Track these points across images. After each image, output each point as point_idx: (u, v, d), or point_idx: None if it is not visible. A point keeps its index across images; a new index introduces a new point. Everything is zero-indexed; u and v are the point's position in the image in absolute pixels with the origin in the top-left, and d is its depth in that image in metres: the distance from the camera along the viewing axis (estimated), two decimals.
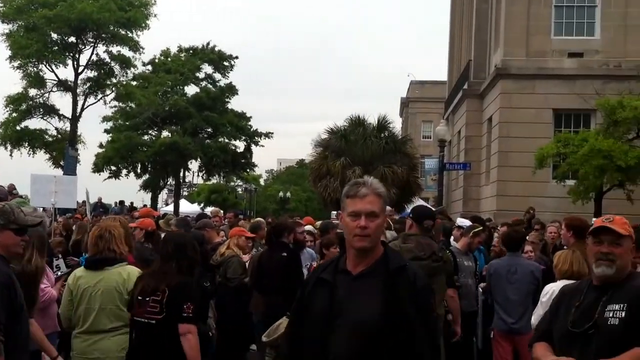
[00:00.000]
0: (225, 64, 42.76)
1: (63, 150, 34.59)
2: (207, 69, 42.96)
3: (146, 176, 42.10)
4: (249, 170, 45.68)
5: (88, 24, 38.54)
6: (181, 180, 44.27)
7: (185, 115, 39.93)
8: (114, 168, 40.60)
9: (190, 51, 42.92)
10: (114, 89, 41.17)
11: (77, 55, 40.62)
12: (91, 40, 40.61)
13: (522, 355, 6.88)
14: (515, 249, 7.39)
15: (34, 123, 40.22)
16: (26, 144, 39.73)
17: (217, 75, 42.93)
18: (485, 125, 24.87)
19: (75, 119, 40.40)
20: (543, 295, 5.57)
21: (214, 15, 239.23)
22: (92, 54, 40.89)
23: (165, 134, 41.13)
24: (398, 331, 2.75)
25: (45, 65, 39.85)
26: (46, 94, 40.24)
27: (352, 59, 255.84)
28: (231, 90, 42.83)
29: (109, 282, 4.86)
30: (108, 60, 41.15)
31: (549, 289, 5.51)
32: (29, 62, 39.00)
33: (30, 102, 39.76)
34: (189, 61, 42.14)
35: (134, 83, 41.74)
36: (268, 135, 43.39)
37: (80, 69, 40.59)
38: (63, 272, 6.50)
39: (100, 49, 40.98)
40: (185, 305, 4.34)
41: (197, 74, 42.67)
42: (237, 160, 42.31)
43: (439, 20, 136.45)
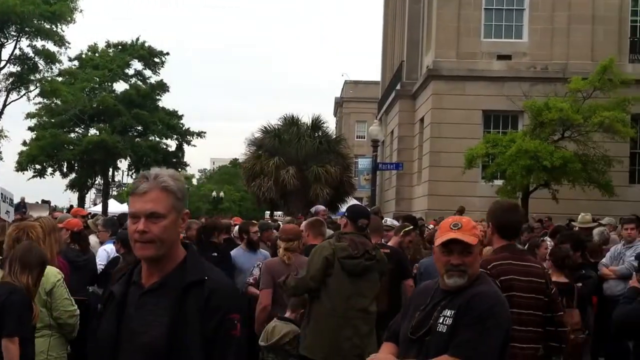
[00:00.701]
0: (156, 60, 42.04)
1: None
2: (137, 65, 42.25)
3: (73, 175, 41.03)
4: (181, 169, 44.92)
5: (11, 17, 37.00)
6: (110, 180, 43.32)
7: (114, 113, 39.03)
8: (38, 167, 39.45)
9: (119, 47, 42.04)
10: (38, 85, 39.78)
11: None
12: (14, 34, 39.09)
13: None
14: None
15: None
16: None
17: (148, 72, 42.24)
18: (418, 125, 25.21)
19: None
20: None
21: (145, 11, 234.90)
22: (15, 48, 39.49)
23: (93, 131, 40.14)
24: (184, 358, 2.33)
25: None
26: None
27: (287, 58, 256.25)
28: (162, 87, 42.20)
29: None
30: (32, 55, 39.75)
31: None
32: None
33: None
34: (117, 57, 41.22)
35: (60, 79, 40.47)
36: (200, 134, 43.09)
37: (2, 64, 39.14)
38: None
39: (24, 43, 39.60)
40: None
41: (127, 71, 41.89)
42: (169, 159, 41.63)
43: (373, 20, 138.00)
